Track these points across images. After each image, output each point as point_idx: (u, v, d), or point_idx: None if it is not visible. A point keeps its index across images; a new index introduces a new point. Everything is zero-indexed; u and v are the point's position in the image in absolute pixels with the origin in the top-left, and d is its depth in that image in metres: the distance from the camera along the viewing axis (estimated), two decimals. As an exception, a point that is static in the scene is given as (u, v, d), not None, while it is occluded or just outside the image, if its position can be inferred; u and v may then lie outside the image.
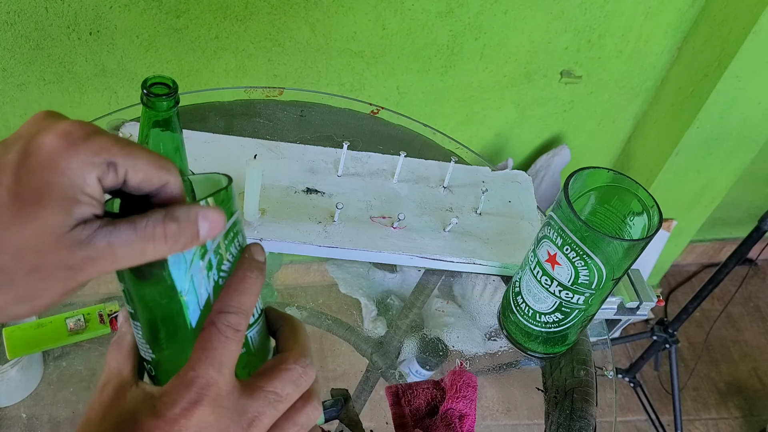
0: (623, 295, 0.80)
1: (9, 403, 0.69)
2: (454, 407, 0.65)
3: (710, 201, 1.60)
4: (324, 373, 0.77)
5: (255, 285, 0.35)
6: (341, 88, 1.22)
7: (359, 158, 0.83)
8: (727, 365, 1.92)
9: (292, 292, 0.82)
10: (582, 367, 0.71)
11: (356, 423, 0.62)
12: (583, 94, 1.40)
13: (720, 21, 1.25)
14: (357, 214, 0.76)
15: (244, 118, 0.88)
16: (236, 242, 0.36)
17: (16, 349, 0.66)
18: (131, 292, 0.35)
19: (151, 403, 0.33)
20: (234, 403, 0.34)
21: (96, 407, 0.34)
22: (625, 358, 1.86)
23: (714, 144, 1.41)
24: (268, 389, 0.35)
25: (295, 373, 0.36)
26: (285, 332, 0.39)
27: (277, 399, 0.35)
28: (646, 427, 1.75)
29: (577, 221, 0.57)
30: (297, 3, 1.06)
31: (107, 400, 0.34)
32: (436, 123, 1.02)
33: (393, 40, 1.16)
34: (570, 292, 0.62)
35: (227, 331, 0.34)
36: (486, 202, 0.79)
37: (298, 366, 0.36)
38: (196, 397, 0.32)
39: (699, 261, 2.09)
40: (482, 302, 0.80)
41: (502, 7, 1.17)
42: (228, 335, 0.34)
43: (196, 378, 0.33)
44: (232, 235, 0.35)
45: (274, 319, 0.40)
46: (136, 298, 0.35)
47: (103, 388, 0.35)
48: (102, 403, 0.34)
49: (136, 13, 1.01)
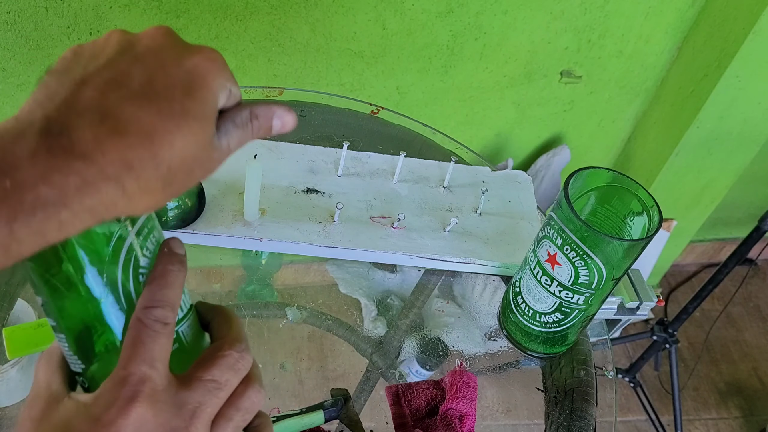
0: (623, 295, 0.80)
1: (9, 403, 0.69)
2: (454, 407, 0.65)
3: (710, 201, 1.60)
4: (324, 373, 0.77)
5: (178, 278, 0.35)
6: (341, 88, 1.22)
7: (359, 158, 0.82)
8: (727, 365, 1.92)
9: (292, 292, 0.82)
10: (582, 367, 0.71)
11: (356, 423, 0.62)
12: (583, 94, 1.40)
13: (720, 21, 1.25)
14: (357, 214, 0.76)
15: (244, 118, 0.88)
16: (152, 238, 0.35)
17: (16, 349, 0.65)
18: (50, 306, 0.34)
19: (84, 410, 0.32)
20: (172, 397, 0.33)
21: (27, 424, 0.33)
22: (625, 358, 1.86)
23: (714, 144, 1.41)
24: (206, 378, 0.35)
25: (231, 358, 0.36)
26: (218, 322, 0.39)
27: (217, 387, 0.35)
28: (646, 427, 1.75)
29: (577, 221, 0.57)
30: (297, 3, 1.06)
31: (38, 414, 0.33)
32: (436, 123, 1.02)
33: (393, 40, 1.16)
34: (570, 292, 0.62)
35: (155, 325, 0.33)
36: (486, 202, 0.79)
37: (234, 351, 0.36)
38: (131, 395, 0.31)
39: (699, 261, 2.09)
40: (482, 302, 0.80)
41: (502, 7, 1.17)
42: (156, 329, 0.33)
43: (128, 376, 0.32)
44: (146, 231, 0.35)
45: (206, 312, 0.40)
46: (55, 310, 0.34)
47: (31, 403, 0.34)
48: (33, 419, 0.33)
49: (136, 13, 1.01)
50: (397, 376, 0.75)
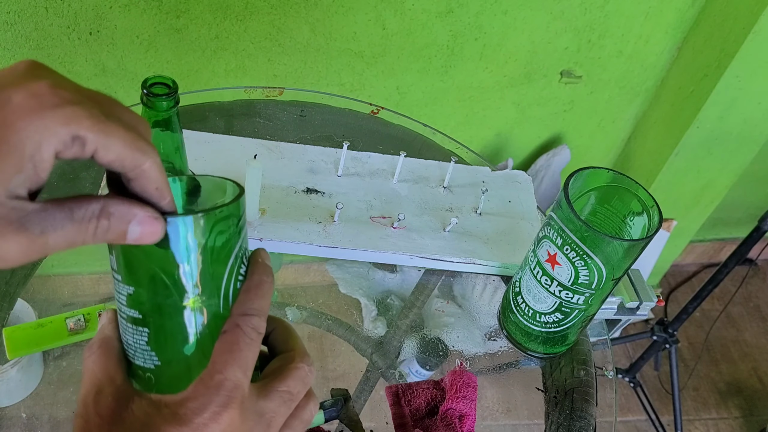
0: (623, 295, 0.80)
1: (9, 403, 0.69)
2: (454, 407, 0.65)
3: (710, 201, 1.60)
4: (324, 373, 0.77)
5: (271, 289, 0.36)
6: (341, 88, 1.22)
7: (359, 158, 0.82)
8: (727, 365, 1.92)
9: (292, 292, 0.82)
10: (582, 367, 0.71)
11: (356, 423, 0.62)
12: (583, 94, 1.40)
13: (720, 21, 1.25)
14: (357, 214, 0.76)
15: (244, 118, 0.88)
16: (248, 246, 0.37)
17: (16, 349, 0.65)
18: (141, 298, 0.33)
19: (170, 411, 0.31)
20: (254, 405, 0.34)
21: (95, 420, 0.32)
22: (625, 358, 1.86)
23: (714, 144, 1.41)
24: (282, 389, 0.35)
25: (302, 371, 0.37)
26: (281, 333, 0.39)
27: (290, 398, 0.36)
28: (646, 427, 1.75)
29: (577, 221, 0.57)
30: (297, 3, 1.06)
31: (107, 411, 0.32)
32: (436, 123, 1.02)
33: (393, 40, 1.16)
34: (570, 292, 0.62)
35: (252, 333, 0.34)
36: (486, 202, 0.79)
37: (305, 365, 0.37)
38: (226, 401, 0.32)
39: (699, 261, 2.09)
40: (482, 302, 0.80)
41: (502, 7, 1.17)
42: (252, 337, 0.34)
43: (224, 381, 0.32)
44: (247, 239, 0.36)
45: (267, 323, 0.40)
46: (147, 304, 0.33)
47: (96, 398, 0.33)
48: (101, 415, 0.32)
49: (136, 13, 1.01)
50: (397, 376, 0.75)
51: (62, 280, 0.77)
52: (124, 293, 0.34)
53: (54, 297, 0.76)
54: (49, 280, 0.76)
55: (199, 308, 0.34)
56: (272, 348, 0.39)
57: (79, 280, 0.77)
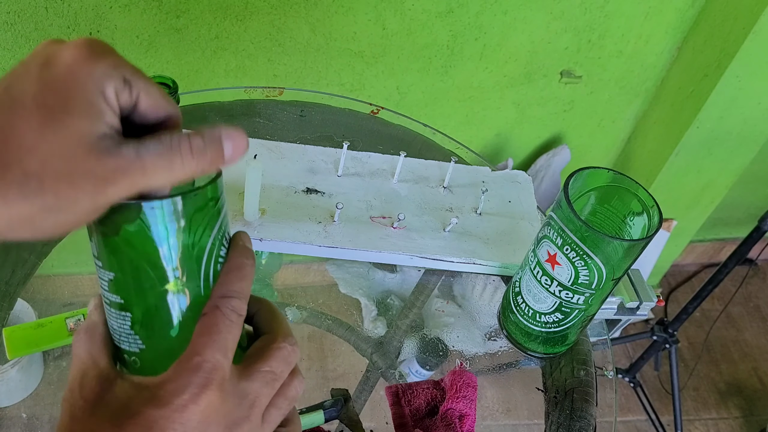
0: (623, 295, 0.80)
1: (9, 403, 0.69)
2: (454, 407, 0.65)
3: (710, 201, 1.60)
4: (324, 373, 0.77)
5: (251, 272, 0.36)
6: (341, 88, 1.22)
7: (359, 158, 0.83)
8: (727, 365, 1.92)
9: (292, 292, 0.82)
10: (582, 367, 0.71)
11: (356, 423, 0.62)
12: (583, 94, 1.40)
13: (720, 21, 1.25)
14: (357, 214, 0.76)
15: (244, 118, 0.88)
16: (228, 228, 0.37)
17: (16, 349, 0.65)
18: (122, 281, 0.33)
19: (150, 393, 0.32)
20: (235, 386, 0.34)
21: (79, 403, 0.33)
22: (625, 358, 1.87)
23: (714, 144, 1.41)
24: (265, 369, 0.36)
25: (285, 351, 0.37)
26: (264, 314, 0.40)
27: (273, 378, 0.36)
28: (646, 427, 1.75)
29: (577, 221, 0.57)
30: (297, 3, 1.06)
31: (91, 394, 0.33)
32: (436, 123, 1.02)
33: (393, 40, 1.16)
34: (570, 292, 0.62)
35: (231, 315, 0.34)
36: (486, 202, 0.79)
37: (287, 344, 0.37)
38: (204, 382, 0.32)
39: (699, 261, 2.09)
40: (482, 302, 0.80)
41: (502, 7, 1.17)
42: (232, 319, 0.34)
43: (203, 362, 0.32)
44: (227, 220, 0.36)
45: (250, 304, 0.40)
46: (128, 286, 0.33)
47: (81, 381, 0.33)
48: (86, 398, 0.33)
49: (136, 13, 1.01)
50: (397, 376, 0.75)
51: (62, 280, 0.77)
52: (105, 279, 0.34)
53: (54, 297, 0.76)
54: (49, 280, 0.76)
55: (180, 291, 0.34)
56: (256, 329, 0.40)
57: (79, 280, 0.77)
